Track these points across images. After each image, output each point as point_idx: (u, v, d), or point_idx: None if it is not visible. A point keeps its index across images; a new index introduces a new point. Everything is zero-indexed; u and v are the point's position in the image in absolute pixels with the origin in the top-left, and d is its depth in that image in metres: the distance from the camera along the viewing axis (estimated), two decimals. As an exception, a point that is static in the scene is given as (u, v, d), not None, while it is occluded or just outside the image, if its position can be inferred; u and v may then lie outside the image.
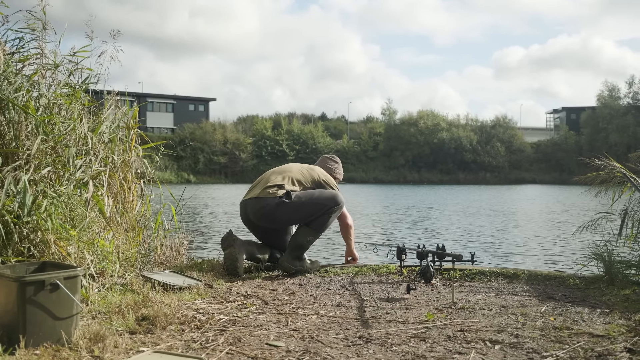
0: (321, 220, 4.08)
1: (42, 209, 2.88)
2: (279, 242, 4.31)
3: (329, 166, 4.62)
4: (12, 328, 2.13)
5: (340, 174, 4.68)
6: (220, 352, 2.26)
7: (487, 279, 4.00)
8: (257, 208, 4.03)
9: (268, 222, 4.09)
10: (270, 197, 4.00)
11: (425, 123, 59.73)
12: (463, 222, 12.94)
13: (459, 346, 2.39)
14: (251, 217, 4.11)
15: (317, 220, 4.09)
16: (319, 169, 4.45)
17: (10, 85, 3.26)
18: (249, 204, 4.10)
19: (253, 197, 4.08)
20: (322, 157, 4.79)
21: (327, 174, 4.42)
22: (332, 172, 4.57)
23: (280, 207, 3.98)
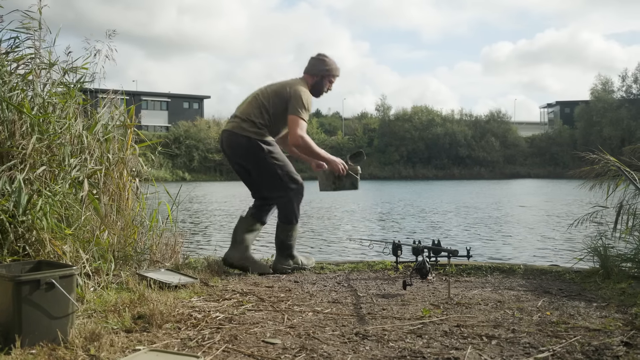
0: (284, 211, 4.06)
1: (38, 208, 2.87)
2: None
3: (309, 66, 4.15)
4: (7, 327, 2.12)
5: (331, 70, 4.12)
6: (216, 350, 2.26)
7: (483, 274, 4.01)
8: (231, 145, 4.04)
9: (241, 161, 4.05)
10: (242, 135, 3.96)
11: (419, 118, 59.79)
12: (458, 218, 12.96)
13: (455, 342, 2.39)
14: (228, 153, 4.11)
15: (281, 213, 4.07)
16: (293, 83, 4.05)
17: (4, 84, 3.24)
18: (224, 137, 4.11)
19: (227, 129, 4.06)
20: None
21: (299, 89, 3.96)
22: (315, 71, 4.12)
23: (251, 157, 3.97)
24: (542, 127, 68.27)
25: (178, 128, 55.08)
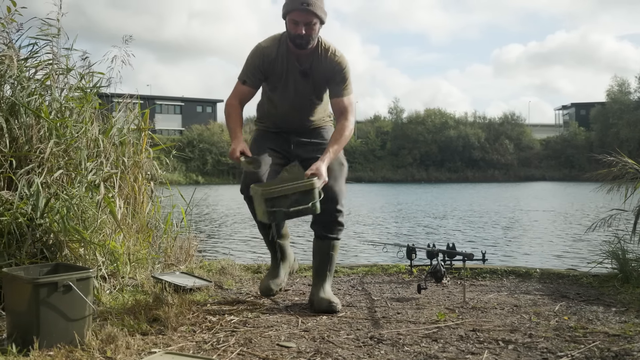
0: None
1: (55, 211, 2.90)
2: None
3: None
4: (26, 329, 2.14)
5: (284, 6, 2.97)
6: (231, 353, 2.26)
7: (498, 277, 3.98)
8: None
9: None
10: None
11: (432, 121, 59.58)
12: (473, 221, 12.90)
13: (471, 346, 2.38)
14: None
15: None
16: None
17: (23, 90, 3.28)
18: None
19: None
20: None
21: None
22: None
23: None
24: (557, 129, 67.70)
25: (192, 132, 55.29)
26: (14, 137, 3.22)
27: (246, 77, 3.09)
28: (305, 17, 2.90)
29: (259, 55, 3.06)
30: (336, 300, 3.01)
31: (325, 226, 3.10)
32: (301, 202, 2.68)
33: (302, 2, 2.88)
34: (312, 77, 3.09)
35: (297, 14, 2.91)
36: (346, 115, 3.07)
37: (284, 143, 3.24)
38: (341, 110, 3.08)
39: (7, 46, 3.47)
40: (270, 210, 2.66)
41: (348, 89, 3.09)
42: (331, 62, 3.06)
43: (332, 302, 2.98)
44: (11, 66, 3.28)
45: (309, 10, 2.89)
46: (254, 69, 3.06)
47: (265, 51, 3.05)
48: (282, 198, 2.66)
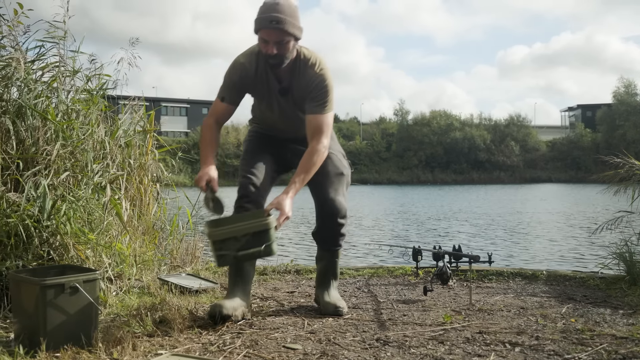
0: None
1: (62, 213, 2.91)
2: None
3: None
4: (33, 330, 2.15)
5: (255, 24, 2.70)
6: (237, 355, 2.26)
7: (505, 279, 3.97)
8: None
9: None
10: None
11: (438, 123, 59.49)
12: (479, 222, 12.87)
13: (478, 348, 2.37)
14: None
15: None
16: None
17: (30, 92, 3.29)
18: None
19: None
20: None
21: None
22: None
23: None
24: (563, 130, 67.51)
25: (197, 133, 55.34)
26: (20, 139, 3.23)
27: (224, 94, 2.88)
28: (276, 36, 2.63)
29: (237, 71, 2.84)
30: (342, 304, 2.97)
31: (327, 241, 3.03)
32: (253, 245, 2.40)
33: (271, 19, 2.59)
34: (292, 95, 2.85)
35: (266, 33, 2.64)
36: (319, 137, 2.75)
37: (281, 149, 3.05)
38: (315, 130, 2.76)
39: (15, 49, 3.49)
40: (218, 253, 2.41)
41: (327, 107, 2.79)
42: (311, 76, 2.77)
43: (339, 307, 2.94)
44: (18, 68, 3.29)
45: (278, 28, 2.61)
46: (233, 85, 2.85)
47: (243, 67, 2.82)
48: (231, 240, 2.39)
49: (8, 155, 3.12)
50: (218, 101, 2.90)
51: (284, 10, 2.61)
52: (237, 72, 2.83)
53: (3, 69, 3.33)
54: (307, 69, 2.78)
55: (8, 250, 2.76)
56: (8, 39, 3.51)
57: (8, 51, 3.47)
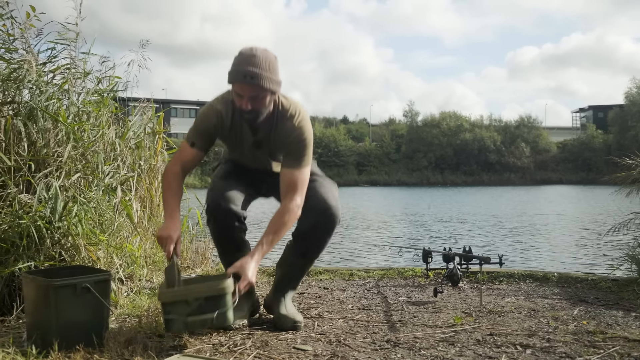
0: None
1: (73, 214, 2.92)
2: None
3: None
4: (45, 331, 2.16)
5: (228, 76, 2.54)
6: (248, 355, 2.27)
7: (515, 281, 3.95)
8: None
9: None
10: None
11: (447, 124, 59.38)
12: (490, 224, 12.82)
13: (489, 350, 2.36)
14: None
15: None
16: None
17: (42, 94, 3.31)
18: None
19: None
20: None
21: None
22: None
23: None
24: (574, 132, 67.20)
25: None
26: (32, 141, 3.25)
27: (195, 140, 2.65)
28: (250, 91, 2.44)
29: (212, 118, 2.64)
30: (300, 318, 2.72)
31: (310, 250, 2.77)
32: (205, 310, 2.18)
33: (246, 74, 2.40)
34: (267, 147, 2.69)
35: (240, 87, 2.45)
36: (293, 194, 2.55)
37: (255, 180, 2.86)
38: (289, 186, 2.57)
39: (27, 51, 3.51)
40: (166, 317, 2.20)
41: (305, 161, 2.60)
42: (289, 129, 2.60)
43: (297, 321, 2.69)
44: (30, 71, 3.31)
45: (253, 84, 2.42)
46: (207, 132, 2.65)
47: (219, 115, 2.63)
48: (181, 304, 2.18)
49: (20, 157, 3.14)
50: (186, 146, 2.66)
51: (260, 64, 2.42)
52: (212, 119, 2.64)
53: (15, 72, 3.36)
54: (286, 121, 2.60)
55: (20, 251, 2.77)
56: (20, 42, 3.54)
57: (20, 54, 3.50)
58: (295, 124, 2.60)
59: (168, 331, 2.18)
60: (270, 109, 2.57)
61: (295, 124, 2.60)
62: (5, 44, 3.48)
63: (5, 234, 2.82)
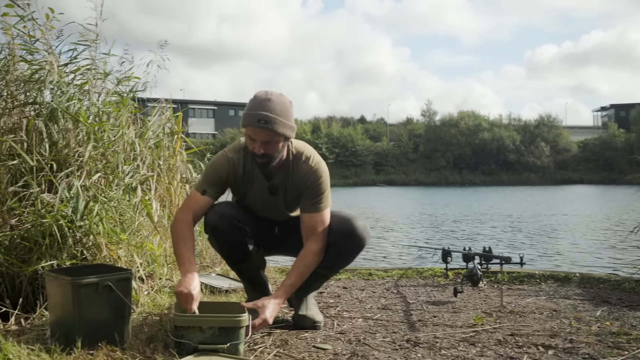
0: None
1: (94, 213, 2.95)
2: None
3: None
4: (68, 328, 2.18)
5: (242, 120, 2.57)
6: (268, 354, 2.27)
7: (536, 282, 3.92)
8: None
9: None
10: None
11: (466, 124, 59.00)
12: (509, 224, 12.72)
13: (510, 351, 2.35)
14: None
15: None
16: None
17: (63, 95, 3.35)
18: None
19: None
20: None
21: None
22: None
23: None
24: (595, 131, 66.39)
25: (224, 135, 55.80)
26: (53, 141, 3.29)
27: (207, 187, 2.61)
28: (264, 135, 2.42)
29: (224, 166, 2.61)
30: (320, 318, 2.72)
31: (337, 265, 2.74)
32: (217, 341, 2.18)
33: (260, 118, 2.39)
34: (283, 193, 2.65)
35: (253, 131, 2.44)
36: (316, 237, 2.56)
37: (266, 225, 2.80)
38: (311, 229, 2.57)
39: (48, 52, 3.55)
40: (178, 341, 2.21)
41: (324, 202, 2.60)
42: (306, 172, 2.58)
43: (317, 321, 2.69)
44: (51, 72, 3.35)
45: (266, 128, 2.40)
46: (218, 180, 2.61)
47: (231, 162, 2.61)
48: (195, 330, 2.19)
49: (42, 157, 3.18)
50: (197, 194, 2.62)
51: (274, 109, 2.41)
52: (224, 167, 2.61)
53: (36, 73, 3.40)
54: (302, 164, 2.59)
55: (43, 250, 2.80)
56: (41, 43, 3.57)
57: (41, 55, 3.54)
58: (311, 165, 2.59)
59: (179, 355, 2.17)
60: (284, 154, 2.57)
61: (311, 165, 2.59)
62: (27, 46, 3.52)
63: (28, 233, 2.86)
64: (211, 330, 2.19)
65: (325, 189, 2.60)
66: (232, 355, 2.16)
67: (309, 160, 2.60)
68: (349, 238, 2.59)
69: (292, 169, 2.60)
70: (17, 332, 2.41)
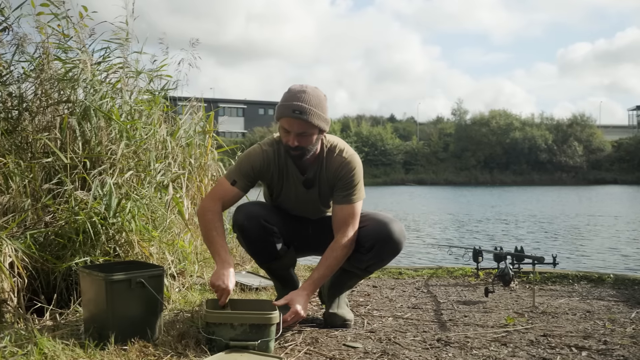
0: None
1: (126, 210, 2.98)
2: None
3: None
4: (102, 324, 2.21)
5: (275, 113, 2.61)
6: (298, 352, 2.27)
7: (569, 282, 3.86)
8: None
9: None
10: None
11: (497, 122, 58.29)
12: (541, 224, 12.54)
13: (542, 351, 2.31)
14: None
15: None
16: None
17: (96, 93, 3.39)
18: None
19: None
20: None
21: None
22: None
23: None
24: (630, 130, 65.00)
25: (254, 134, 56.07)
26: (86, 139, 3.34)
27: (237, 178, 2.57)
28: (298, 127, 2.41)
29: (258, 158, 2.59)
30: (350, 317, 2.71)
31: (372, 267, 2.69)
32: (248, 337, 2.19)
33: (294, 108, 2.39)
34: (318, 187, 2.63)
35: (287, 122, 2.42)
36: (346, 228, 2.53)
37: (298, 225, 2.77)
38: (343, 221, 2.54)
39: (81, 51, 3.60)
40: (209, 337, 2.22)
41: (356, 195, 2.58)
42: (339, 163, 2.57)
43: (347, 320, 2.68)
44: (85, 70, 3.40)
45: (301, 119, 2.39)
46: (250, 172, 2.58)
47: (266, 155, 2.59)
48: (226, 327, 2.20)
49: (75, 154, 3.23)
50: (226, 183, 2.59)
51: (310, 100, 2.41)
52: (259, 159, 2.59)
53: (70, 71, 3.45)
54: (335, 157, 2.58)
55: (77, 247, 2.85)
56: (74, 41, 3.63)
57: (75, 53, 3.59)
58: (345, 157, 2.58)
59: (210, 350, 2.19)
60: (317, 148, 2.56)
61: (345, 157, 2.58)
62: (61, 44, 3.58)
63: (62, 229, 2.90)
64: (242, 327, 2.20)
65: (358, 181, 2.58)
66: (263, 352, 2.17)
67: (342, 152, 2.59)
68: (385, 242, 2.55)
69: (326, 161, 2.59)
70: (51, 327, 2.46)
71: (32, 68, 3.50)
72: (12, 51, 3.46)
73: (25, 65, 3.52)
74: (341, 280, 2.72)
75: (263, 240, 2.62)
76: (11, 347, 2.06)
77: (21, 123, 3.36)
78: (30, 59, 3.49)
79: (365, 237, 2.57)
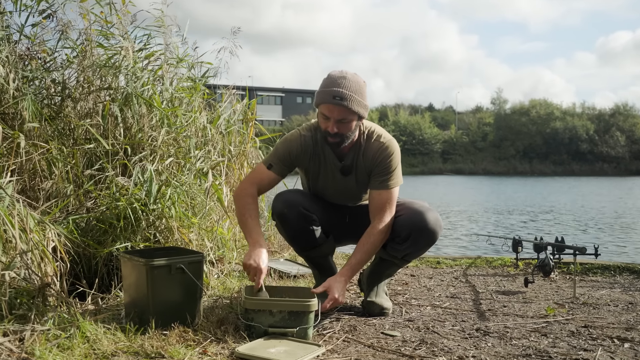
0: None
1: (167, 197, 3.02)
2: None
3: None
4: (142, 309, 2.25)
5: (315, 99, 2.56)
6: (336, 339, 2.28)
7: (611, 274, 3.77)
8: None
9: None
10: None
11: (537, 112, 57.19)
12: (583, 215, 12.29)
13: (583, 342, 2.27)
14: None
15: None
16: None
17: (137, 80, 3.44)
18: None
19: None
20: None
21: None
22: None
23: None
24: (676, 119, 62.97)
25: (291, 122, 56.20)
26: (127, 126, 3.39)
27: (274, 162, 2.58)
28: (338, 113, 2.40)
29: (296, 144, 2.59)
30: (388, 305, 2.69)
31: (410, 256, 2.65)
32: (287, 325, 2.21)
33: (334, 94, 2.38)
34: (355, 174, 2.62)
35: (327, 108, 2.42)
36: (382, 214, 2.52)
37: (337, 213, 2.77)
38: (380, 207, 2.53)
39: (123, 37, 3.65)
40: (248, 323, 2.23)
41: (394, 181, 2.56)
42: (377, 148, 2.55)
43: (385, 308, 2.66)
44: (127, 57, 3.44)
45: (342, 105, 2.38)
46: (288, 156, 2.58)
47: (304, 140, 2.59)
48: (265, 313, 2.21)
49: (116, 141, 3.29)
50: (262, 167, 2.60)
51: (350, 86, 2.39)
52: (296, 144, 2.59)
53: (112, 58, 3.50)
54: (373, 142, 2.57)
55: (118, 232, 2.90)
56: (116, 28, 3.67)
57: (117, 40, 3.64)
58: (382, 142, 2.57)
59: (249, 336, 2.20)
60: (355, 135, 2.54)
61: (382, 142, 2.57)
62: (103, 31, 3.63)
63: (103, 215, 2.96)
64: (281, 314, 2.22)
65: (395, 166, 2.57)
66: (301, 339, 2.19)
67: (380, 137, 2.58)
68: (421, 231, 2.53)
69: (364, 147, 2.58)
70: (93, 311, 2.51)
71: (74, 55, 3.56)
72: (56, 38, 3.53)
73: (68, 51, 3.59)
74: (379, 269, 2.72)
75: (302, 228, 2.62)
76: (55, 330, 2.11)
77: (64, 109, 3.42)
78: (73, 46, 3.55)
79: (401, 227, 2.55)
